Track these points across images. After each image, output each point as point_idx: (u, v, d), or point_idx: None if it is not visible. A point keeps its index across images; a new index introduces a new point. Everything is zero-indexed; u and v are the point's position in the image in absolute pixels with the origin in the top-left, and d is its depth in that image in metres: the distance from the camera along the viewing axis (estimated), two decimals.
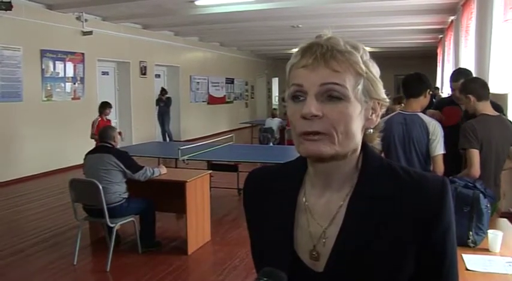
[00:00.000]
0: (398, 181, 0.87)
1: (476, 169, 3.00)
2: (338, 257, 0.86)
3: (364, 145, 0.91)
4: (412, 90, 3.26)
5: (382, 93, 0.89)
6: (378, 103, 0.89)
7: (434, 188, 0.86)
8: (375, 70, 0.88)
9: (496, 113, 3.18)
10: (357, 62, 0.84)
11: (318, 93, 0.82)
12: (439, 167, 3.12)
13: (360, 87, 0.84)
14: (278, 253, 0.91)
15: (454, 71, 4.31)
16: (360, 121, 0.86)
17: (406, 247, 0.84)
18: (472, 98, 3.15)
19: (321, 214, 0.90)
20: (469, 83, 3.27)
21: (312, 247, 0.89)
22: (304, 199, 0.93)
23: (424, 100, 3.26)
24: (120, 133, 5.00)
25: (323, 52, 0.83)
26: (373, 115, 0.89)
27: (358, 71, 0.84)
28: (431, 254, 0.85)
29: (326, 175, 0.90)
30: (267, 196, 0.98)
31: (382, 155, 3.16)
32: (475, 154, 3.03)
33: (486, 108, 3.16)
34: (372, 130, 0.91)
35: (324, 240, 0.89)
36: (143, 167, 4.44)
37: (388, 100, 0.90)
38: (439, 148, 3.13)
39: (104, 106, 7.44)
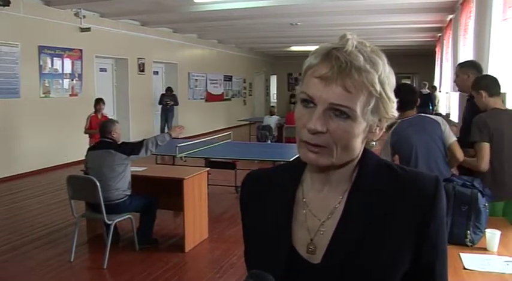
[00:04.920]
0: (395, 177, 0.91)
1: (485, 162, 3.01)
2: (335, 248, 0.87)
3: (364, 149, 0.93)
4: (408, 104, 3.26)
5: (392, 111, 0.89)
6: (385, 119, 0.90)
7: (429, 184, 0.89)
8: (390, 86, 0.87)
9: (507, 108, 3.21)
10: (372, 82, 0.83)
11: (326, 108, 0.83)
12: (460, 153, 3.12)
13: (370, 107, 0.85)
14: (275, 248, 0.93)
15: (465, 61, 4.27)
16: (362, 136, 0.88)
17: (402, 240, 0.87)
18: (483, 93, 3.18)
19: (319, 208, 0.92)
20: (480, 79, 3.30)
21: (309, 241, 0.91)
22: (302, 194, 0.95)
23: (416, 109, 3.31)
24: None
25: (340, 67, 0.82)
26: (377, 129, 0.90)
27: (372, 92, 0.84)
28: (425, 248, 0.88)
29: (325, 174, 0.92)
30: (265, 194, 1.00)
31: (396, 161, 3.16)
32: (485, 147, 3.04)
33: (497, 103, 3.19)
34: (374, 143, 0.93)
35: (321, 233, 0.90)
36: (142, 142, 4.37)
37: (396, 115, 0.90)
38: (452, 135, 3.17)
39: (98, 102, 7.81)
